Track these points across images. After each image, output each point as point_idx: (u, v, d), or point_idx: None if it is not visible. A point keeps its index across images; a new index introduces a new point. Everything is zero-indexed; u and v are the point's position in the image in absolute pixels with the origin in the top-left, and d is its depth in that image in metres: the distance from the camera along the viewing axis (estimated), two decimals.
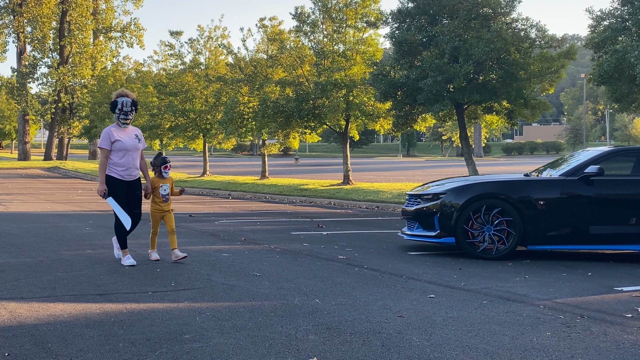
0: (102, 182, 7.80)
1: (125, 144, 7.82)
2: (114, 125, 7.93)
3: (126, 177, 7.85)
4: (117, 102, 7.84)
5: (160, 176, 8.24)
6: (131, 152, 7.86)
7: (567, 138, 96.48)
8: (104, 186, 7.77)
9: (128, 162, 7.84)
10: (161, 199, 8.22)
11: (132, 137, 7.94)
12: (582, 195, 8.79)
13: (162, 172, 8.21)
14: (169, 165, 8.28)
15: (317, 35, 24.60)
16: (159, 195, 8.21)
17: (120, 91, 7.97)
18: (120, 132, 7.87)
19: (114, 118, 7.92)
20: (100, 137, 7.91)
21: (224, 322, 5.19)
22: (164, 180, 8.25)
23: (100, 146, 7.84)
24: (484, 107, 19.51)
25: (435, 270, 7.77)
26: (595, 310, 5.77)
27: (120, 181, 7.83)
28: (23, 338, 4.70)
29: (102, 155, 7.84)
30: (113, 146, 7.78)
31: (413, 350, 4.51)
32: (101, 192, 7.75)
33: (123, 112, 7.83)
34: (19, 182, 29.96)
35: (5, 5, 53.49)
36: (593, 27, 18.17)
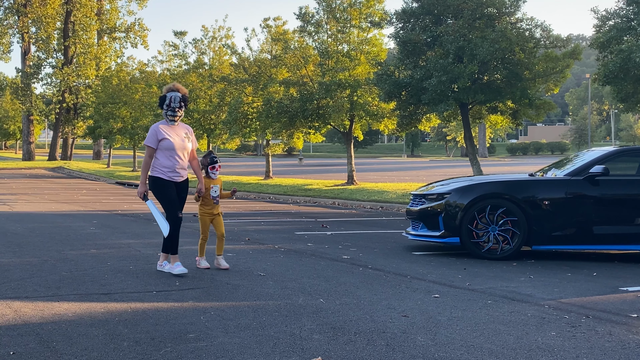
0: (143, 183, 7.24)
1: (173, 143, 7.21)
2: (163, 122, 7.36)
3: (173, 178, 7.28)
4: (165, 97, 7.29)
5: (208, 177, 7.68)
6: (179, 152, 7.25)
7: (572, 138, 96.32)
8: (144, 187, 7.23)
9: (175, 162, 7.24)
10: (211, 201, 7.70)
11: (181, 136, 7.33)
12: (587, 195, 8.76)
13: (209, 172, 7.66)
14: (218, 165, 7.72)
15: (322, 35, 24.61)
16: (209, 197, 7.68)
17: (171, 85, 7.42)
18: (169, 129, 7.27)
19: (163, 114, 7.38)
20: (147, 134, 7.31)
21: (228, 321, 5.19)
22: (213, 181, 7.71)
23: (146, 144, 7.28)
24: (489, 107, 19.49)
25: (440, 270, 7.75)
26: (601, 311, 5.75)
27: (168, 181, 7.26)
28: (28, 337, 4.70)
29: (146, 154, 7.26)
30: (160, 144, 7.19)
31: (417, 349, 4.50)
32: (140, 193, 7.21)
33: (171, 108, 7.25)
34: (23, 182, 30.03)
35: (10, 6, 53.64)
36: (598, 27, 18.13)
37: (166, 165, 7.21)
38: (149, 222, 13.41)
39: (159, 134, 7.20)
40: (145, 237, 10.79)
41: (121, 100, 37.23)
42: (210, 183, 7.66)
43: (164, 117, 7.33)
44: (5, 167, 45.15)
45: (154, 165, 7.23)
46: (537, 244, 8.77)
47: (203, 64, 31.73)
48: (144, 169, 7.25)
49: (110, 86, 38.92)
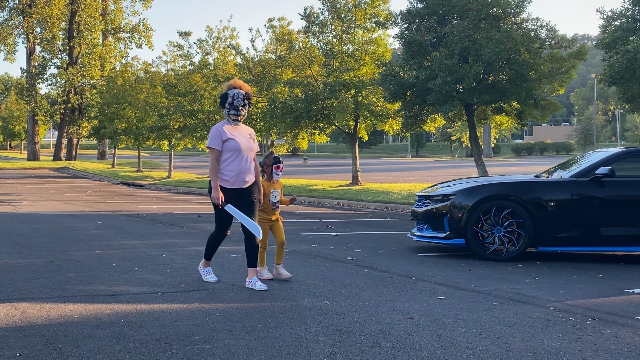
0: (216, 188, 6.56)
1: (239, 144, 6.62)
2: (225, 122, 6.75)
3: (237, 184, 6.64)
4: (227, 94, 6.73)
5: (270, 179, 7.18)
6: (244, 154, 6.65)
7: (578, 139, 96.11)
8: (219, 192, 6.54)
9: (240, 165, 6.62)
10: (270, 207, 7.16)
11: (245, 136, 6.75)
12: (593, 196, 8.74)
13: (272, 173, 7.17)
14: (281, 166, 7.25)
15: (326, 35, 24.60)
16: (269, 202, 7.14)
17: (232, 82, 6.85)
18: (233, 129, 6.70)
19: (224, 114, 6.80)
20: (210, 134, 6.73)
21: (234, 323, 5.19)
22: (274, 185, 7.20)
23: (209, 146, 6.65)
24: (494, 108, 19.45)
25: (445, 272, 7.74)
26: (607, 313, 5.73)
27: (229, 190, 6.62)
28: (34, 338, 4.71)
29: (212, 157, 6.64)
30: (224, 146, 6.59)
31: (423, 352, 4.49)
32: (216, 199, 6.53)
33: (234, 107, 6.68)
34: (28, 183, 30.10)
35: (15, 6, 53.81)
36: (604, 27, 18.08)
37: (231, 168, 6.61)
38: (154, 222, 13.43)
39: (223, 134, 6.60)
40: (151, 238, 10.80)
41: (126, 100, 37.29)
42: (270, 187, 7.15)
43: (225, 117, 6.77)
44: (10, 167, 45.26)
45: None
46: (543, 246, 8.75)
47: (207, 64, 31.76)
48: (213, 174, 6.58)
49: (114, 86, 38.99)
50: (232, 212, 6.54)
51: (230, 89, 6.76)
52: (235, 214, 6.53)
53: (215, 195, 6.54)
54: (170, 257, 8.56)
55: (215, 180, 6.57)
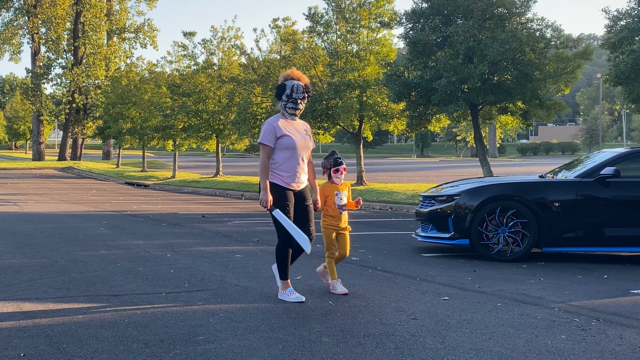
0: (266, 190, 5.89)
1: (295, 141, 6.01)
2: (279, 116, 6.13)
3: (293, 185, 6.04)
4: (285, 85, 6.09)
5: (331, 181, 6.46)
6: (300, 153, 6.06)
7: (583, 139, 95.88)
8: (268, 195, 5.88)
9: (295, 165, 6.03)
10: (336, 211, 6.42)
11: (301, 133, 6.14)
12: (598, 197, 8.71)
13: (333, 176, 6.43)
14: (342, 167, 6.43)
15: (331, 35, 24.58)
16: (334, 206, 6.40)
17: (289, 72, 6.20)
18: (288, 125, 6.08)
19: (279, 107, 6.14)
20: (261, 129, 6.08)
21: (238, 323, 5.19)
22: (339, 186, 6.43)
23: (261, 141, 6.00)
24: (499, 108, 19.42)
25: (449, 273, 7.73)
26: (611, 314, 5.71)
27: (287, 190, 6.01)
28: (38, 339, 4.72)
29: (263, 154, 5.99)
30: (278, 143, 5.98)
31: (427, 353, 4.48)
32: (265, 202, 5.87)
33: (292, 100, 6.04)
34: (33, 182, 30.17)
35: (20, 7, 53.96)
36: (609, 27, 18.03)
37: (285, 168, 5.99)
38: (158, 222, 13.44)
39: (278, 130, 5.98)
40: (155, 238, 10.82)
41: (130, 100, 37.33)
42: (334, 188, 6.40)
43: (281, 110, 6.13)
44: (15, 167, 45.38)
45: (270, 168, 6.01)
46: (547, 246, 8.73)
47: (212, 64, 31.75)
48: (263, 173, 5.95)
49: (119, 86, 39.05)
50: (280, 219, 5.86)
51: (287, 80, 6.13)
52: (283, 222, 5.86)
53: (263, 198, 5.88)
54: (175, 258, 8.57)
55: (265, 180, 5.92)
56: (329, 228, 6.43)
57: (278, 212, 5.85)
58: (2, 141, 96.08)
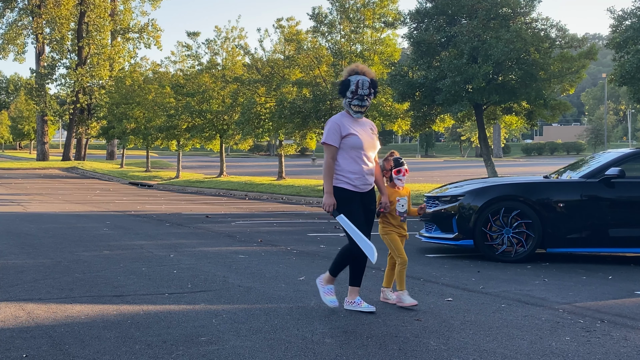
0: (330, 193, 5.53)
1: (361, 141, 5.59)
2: (343, 114, 5.73)
3: (361, 188, 5.62)
4: (349, 81, 5.67)
5: (392, 185, 6.01)
6: (367, 152, 5.65)
7: (588, 139, 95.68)
8: (332, 198, 5.52)
9: (362, 166, 5.60)
10: (397, 219, 5.98)
11: (367, 132, 5.72)
12: (602, 197, 8.67)
13: (394, 178, 5.98)
14: (404, 168, 5.99)
15: (335, 35, 24.58)
16: (395, 213, 5.98)
17: (354, 67, 5.78)
18: (353, 123, 5.67)
19: (343, 104, 5.75)
20: (325, 128, 5.71)
21: (240, 324, 5.17)
22: (400, 192, 5.99)
23: (325, 141, 5.60)
24: (504, 108, 19.37)
25: (453, 273, 7.70)
26: (616, 315, 5.68)
27: (354, 193, 5.60)
28: (41, 339, 4.71)
29: (327, 155, 5.60)
30: (343, 142, 5.58)
31: (430, 354, 4.46)
32: (329, 206, 5.51)
33: (357, 96, 5.62)
34: (37, 182, 30.22)
35: (25, 7, 54.08)
36: (615, 27, 17.95)
37: (353, 169, 5.58)
38: (161, 223, 13.44)
39: (343, 128, 5.60)
40: (158, 239, 10.81)
41: (134, 100, 37.39)
42: (395, 194, 5.95)
43: (345, 107, 5.74)
44: (19, 167, 45.47)
45: (335, 170, 5.61)
46: (552, 247, 8.69)
47: (216, 64, 31.78)
48: (328, 175, 5.57)
49: (123, 87, 39.11)
50: (344, 225, 5.49)
51: (351, 75, 5.72)
52: (348, 228, 5.47)
53: (327, 202, 5.51)
54: (178, 258, 8.56)
55: (329, 183, 5.55)
56: (392, 234, 5.96)
57: (342, 217, 5.49)
58: (7, 141, 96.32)
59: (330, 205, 5.50)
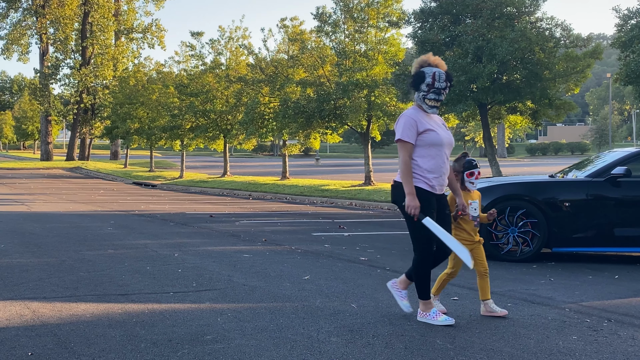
0: (413, 195, 5.06)
1: (440, 137, 5.19)
2: (415, 109, 5.29)
3: (437, 189, 5.20)
4: (423, 73, 5.23)
5: (464, 188, 5.60)
6: (446, 150, 5.24)
7: (593, 139, 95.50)
8: (417, 200, 5.05)
9: (441, 164, 5.19)
10: (471, 223, 5.58)
11: (443, 128, 5.34)
12: (608, 197, 8.64)
13: (465, 180, 5.59)
14: (477, 171, 5.60)
15: (339, 35, 24.56)
16: (468, 217, 5.56)
17: (425, 58, 5.33)
18: (428, 119, 5.25)
19: (415, 98, 5.32)
20: (397, 124, 5.30)
21: (246, 323, 5.16)
22: (471, 195, 5.61)
23: (401, 138, 5.18)
24: (508, 108, 19.33)
25: (459, 272, 7.65)
26: (623, 314, 5.65)
27: (431, 195, 5.16)
28: (46, 338, 4.70)
29: (403, 153, 5.17)
30: (420, 139, 5.17)
31: (436, 353, 4.44)
32: (415, 208, 5.03)
33: (434, 90, 5.20)
34: (41, 182, 30.26)
35: (28, 7, 54.16)
36: (620, 26, 17.90)
37: (430, 168, 5.15)
38: (165, 222, 13.44)
39: (420, 123, 5.17)
40: (162, 238, 10.81)
41: (138, 100, 37.42)
42: (467, 197, 5.57)
43: (418, 102, 5.30)
44: (23, 167, 45.55)
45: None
46: (558, 246, 8.66)
47: (220, 64, 31.78)
48: (408, 175, 5.12)
49: (127, 87, 39.13)
50: (432, 229, 5.04)
51: (423, 67, 5.29)
52: (437, 231, 5.04)
53: (412, 204, 5.03)
54: (182, 257, 8.55)
55: (410, 183, 5.09)
56: (465, 244, 5.38)
57: (429, 220, 5.02)
58: (11, 141, 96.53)
59: (415, 208, 5.01)
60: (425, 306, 5.27)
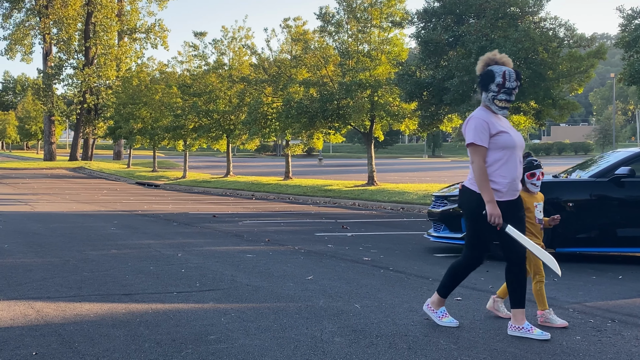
0: (494, 202, 4.80)
1: (514, 140, 4.92)
2: (484, 110, 5.00)
3: (509, 195, 4.92)
4: (493, 72, 4.96)
5: (526, 189, 5.35)
6: (519, 153, 4.98)
7: (596, 139, 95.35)
8: (497, 208, 4.80)
9: (515, 168, 4.91)
10: (537, 226, 5.37)
11: (513, 129, 5.06)
12: (612, 197, 8.61)
13: (527, 182, 5.32)
14: (539, 172, 5.38)
15: (342, 35, 24.55)
16: (534, 220, 5.35)
17: (491, 56, 5.06)
18: (498, 121, 4.97)
19: (483, 99, 5.03)
20: (467, 127, 4.97)
21: (249, 323, 5.16)
22: (536, 197, 5.39)
23: (473, 142, 4.88)
24: (512, 108, 19.31)
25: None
26: (627, 315, 5.64)
27: (506, 203, 4.91)
28: (50, 337, 4.71)
29: (477, 158, 4.87)
30: (493, 142, 4.88)
31: (440, 353, 4.44)
32: (497, 217, 4.78)
33: (505, 90, 4.93)
34: (45, 182, 30.30)
35: (32, 7, 54.25)
36: (624, 26, 17.87)
37: (503, 173, 4.88)
38: (169, 222, 13.45)
39: (492, 126, 4.89)
40: (166, 238, 10.82)
41: (141, 100, 37.46)
42: (532, 200, 5.35)
43: (486, 103, 5.00)
44: (27, 167, 45.62)
45: None
46: (561, 246, 8.64)
47: (223, 64, 31.80)
48: (485, 181, 4.84)
49: (130, 87, 39.18)
50: (517, 237, 4.80)
51: (491, 65, 5.03)
52: (522, 240, 4.81)
53: (494, 213, 4.77)
54: (186, 257, 8.56)
55: (489, 190, 4.81)
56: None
57: (512, 228, 4.80)
58: (14, 141, 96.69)
59: (498, 217, 4.76)
60: (438, 303, 5.25)
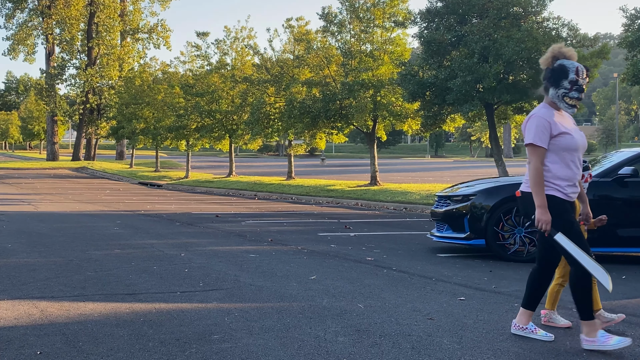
0: (544, 207, 4.54)
1: (576, 141, 4.66)
2: (547, 108, 4.72)
3: (572, 197, 4.72)
4: (566, 68, 4.65)
5: None
6: (580, 155, 4.74)
7: (599, 139, 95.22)
8: (548, 214, 4.54)
9: (576, 171, 4.70)
10: (582, 228, 5.08)
11: (577, 129, 4.80)
12: (615, 197, 8.61)
13: None
14: (588, 174, 5.20)
15: (344, 35, 24.56)
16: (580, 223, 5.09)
17: (557, 49, 4.74)
18: (561, 120, 4.71)
19: (551, 95, 4.72)
20: (528, 125, 4.72)
21: (253, 323, 5.17)
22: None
23: (532, 142, 4.63)
24: (514, 108, 19.31)
25: (465, 273, 7.67)
26: (630, 314, 5.64)
27: (569, 203, 4.69)
28: (54, 337, 4.72)
29: (535, 159, 4.62)
30: (553, 143, 4.63)
31: (444, 353, 4.44)
32: (546, 223, 4.53)
33: (577, 87, 4.64)
34: (47, 182, 30.34)
35: (35, 8, 54.31)
36: (627, 26, 17.87)
37: (564, 175, 4.64)
38: (172, 222, 13.46)
39: (554, 126, 4.62)
40: (169, 238, 10.83)
41: (144, 100, 37.49)
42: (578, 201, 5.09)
43: (555, 100, 4.72)
44: (29, 167, 45.68)
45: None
46: None
47: (225, 64, 31.81)
48: (539, 184, 4.58)
49: (133, 87, 39.21)
50: (565, 246, 4.53)
51: (562, 59, 4.70)
52: (570, 249, 4.53)
53: (543, 218, 4.52)
54: (189, 257, 8.56)
55: (542, 194, 4.55)
56: None
57: (562, 236, 4.52)
58: (17, 141, 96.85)
59: (547, 223, 4.50)
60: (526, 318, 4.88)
